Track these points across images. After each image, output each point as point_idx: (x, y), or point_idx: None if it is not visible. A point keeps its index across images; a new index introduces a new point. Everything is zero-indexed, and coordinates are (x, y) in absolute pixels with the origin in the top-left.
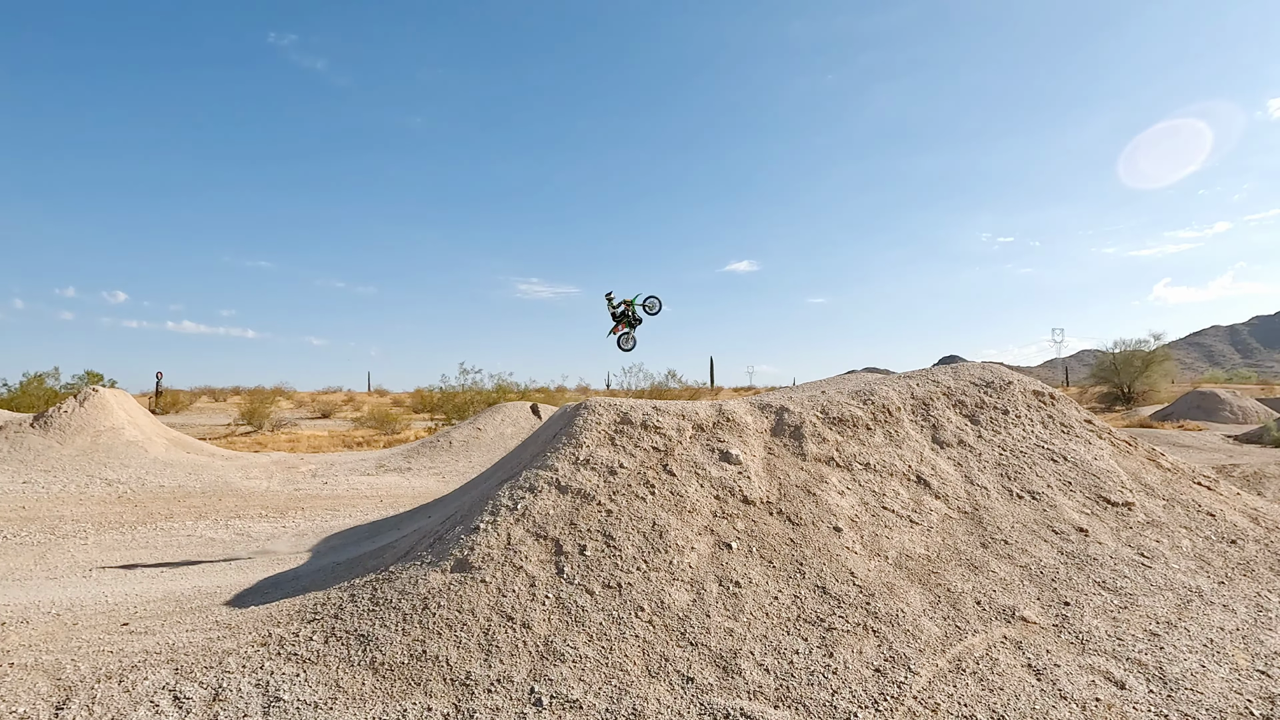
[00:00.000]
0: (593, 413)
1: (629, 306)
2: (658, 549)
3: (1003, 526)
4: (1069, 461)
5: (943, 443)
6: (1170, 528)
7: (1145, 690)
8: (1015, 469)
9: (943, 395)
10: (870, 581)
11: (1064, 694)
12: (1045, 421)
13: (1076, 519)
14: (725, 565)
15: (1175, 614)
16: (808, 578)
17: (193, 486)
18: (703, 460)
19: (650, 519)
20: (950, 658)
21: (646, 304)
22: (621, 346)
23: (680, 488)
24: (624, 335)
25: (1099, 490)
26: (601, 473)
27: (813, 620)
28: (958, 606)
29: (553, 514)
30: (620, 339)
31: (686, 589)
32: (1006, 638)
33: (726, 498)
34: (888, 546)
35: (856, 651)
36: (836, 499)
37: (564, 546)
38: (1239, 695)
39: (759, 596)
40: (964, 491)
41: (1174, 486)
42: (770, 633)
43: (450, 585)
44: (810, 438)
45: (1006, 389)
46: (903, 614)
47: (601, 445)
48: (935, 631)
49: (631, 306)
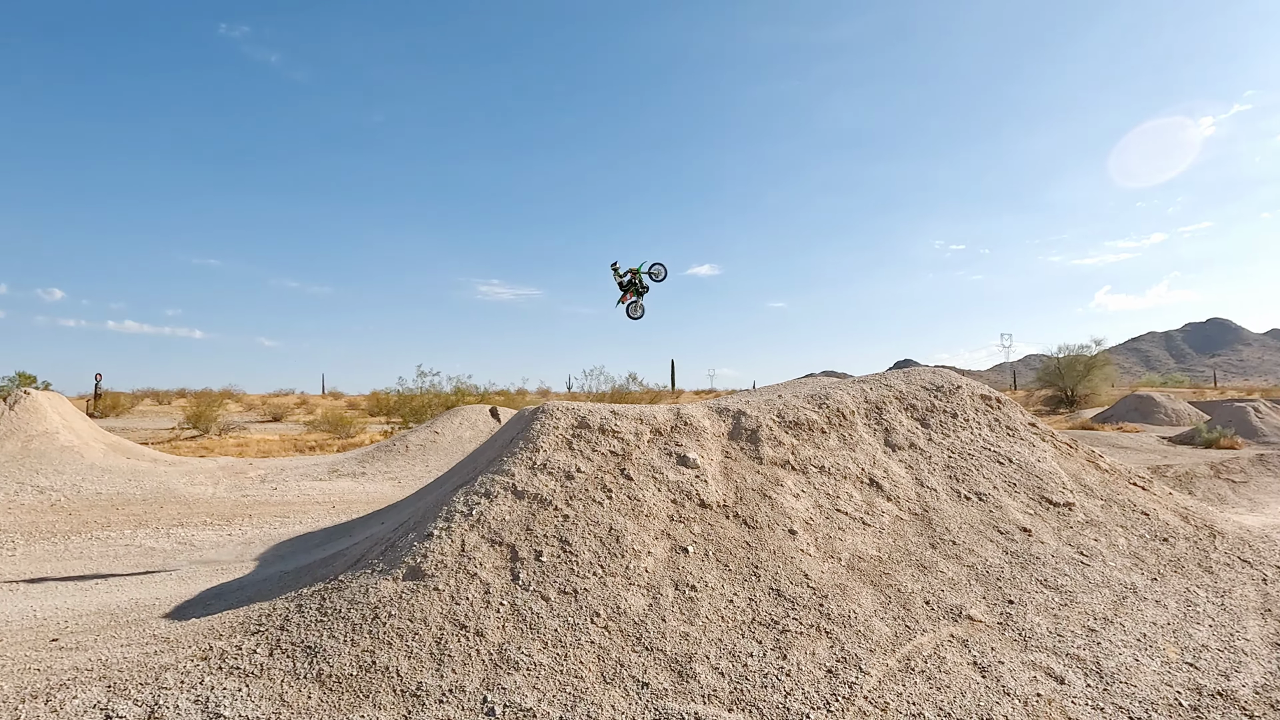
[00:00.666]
0: (550, 417)
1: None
2: (614, 554)
3: (951, 527)
4: (1014, 464)
5: (895, 446)
6: (1108, 527)
7: (1083, 684)
8: (963, 471)
9: (895, 399)
10: (824, 583)
11: (1007, 690)
12: (992, 425)
13: (1021, 519)
14: (682, 569)
15: (1112, 610)
16: (763, 580)
17: (132, 493)
18: (660, 464)
19: (607, 524)
20: (900, 657)
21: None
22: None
23: (638, 492)
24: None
25: (1042, 491)
26: (559, 477)
27: (767, 622)
28: (908, 606)
29: (509, 520)
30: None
31: (643, 593)
32: (954, 636)
33: (684, 501)
34: (841, 548)
35: (809, 653)
36: (792, 502)
37: (520, 553)
38: (1169, 687)
39: (715, 600)
40: (914, 493)
41: (1111, 487)
42: (725, 636)
43: (402, 594)
44: (767, 441)
45: (956, 393)
46: (855, 615)
47: (559, 450)
48: (886, 631)
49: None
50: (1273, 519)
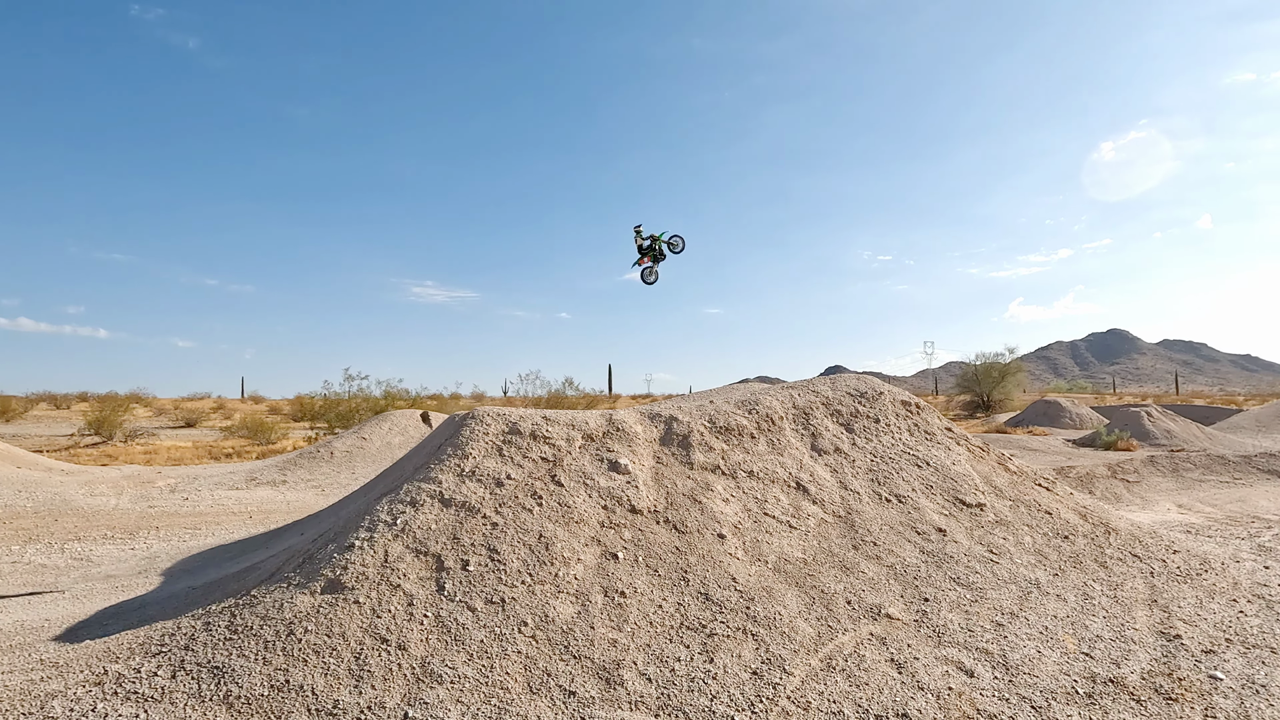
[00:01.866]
0: (480, 423)
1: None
2: (544, 562)
3: (872, 529)
4: (931, 466)
5: (821, 450)
6: (1015, 526)
7: (991, 677)
8: (884, 474)
9: (821, 405)
10: (751, 586)
11: (921, 685)
12: (911, 429)
13: (937, 520)
14: (611, 575)
15: (1017, 605)
16: (691, 585)
17: (22, 506)
18: (592, 470)
19: (537, 531)
20: (822, 657)
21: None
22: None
23: (569, 498)
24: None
25: (956, 493)
26: (488, 485)
27: (695, 627)
28: (830, 607)
29: (435, 529)
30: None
31: (572, 601)
32: (873, 634)
33: (615, 507)
34: (768, 551)
35: (735, 655)
36: (721, 506)
37: (446, 562)
38: (1067, 676)
39: (644, 606)
40: (839, 496)
41: (1019, 488)
42: (653, 641)
43: (320, 608)
44: (698, 447)
45: (879, 399)
46: (780, 616)
47: (489, 456)
48: (809, 632)
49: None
50: (1161, 515)
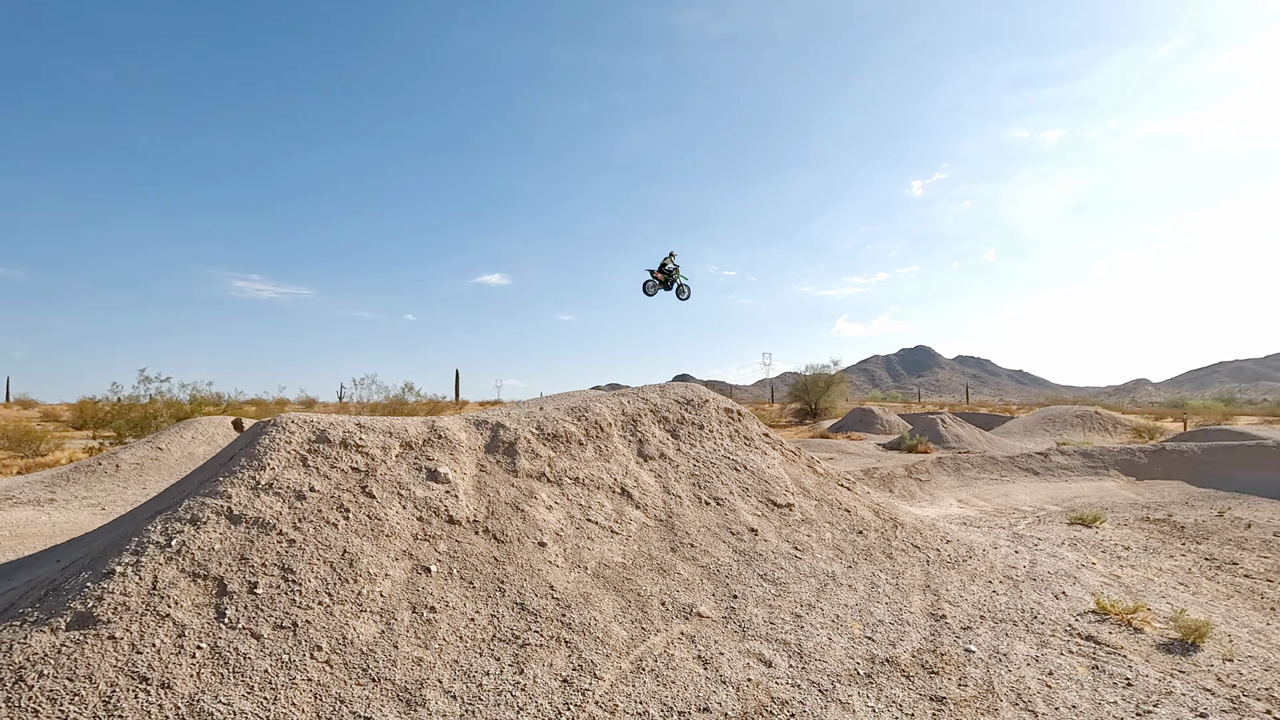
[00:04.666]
0: (282, 430)
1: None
2: (346, 579)
3: (690, 531)
4: (748, 470)
5: (647, 456)
6: (818, 523)
7: (787, 665)
8: (705, 478)
9: (650, 412)
10: (568, 593)
11: (724, 678)
12: (732, 435)
13: (750, 520)
14: (421, 590)
15: (815, 596)
16: (507, 595)
17: None
18: (408, 480)
19: (341, 547)
20: (633, 659)
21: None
22: (646, 289)
23: (380, 510)
24: (653, 284)
25: (769, 494)
26: (287, 498)
27: (508, 638)
28: (645, 609)
29: (219, 549)
30: (648, 283)
31: (375, 620)
32: (684, 634)
33: (431, 519)
34: (588, 557)
35: (547, 665)
36: (544, 514)
37: (229, 586)
38: (851, 659)
39: (455, 620)
40: (661, 501)
41: (824, 489)
42: (463, 656)
43: (63, 647)
44: (524, 454)
45: (703, 406)
46: (595, 621)
47: (290, 467)
48: (623, 635)
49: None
50: (945, 509)
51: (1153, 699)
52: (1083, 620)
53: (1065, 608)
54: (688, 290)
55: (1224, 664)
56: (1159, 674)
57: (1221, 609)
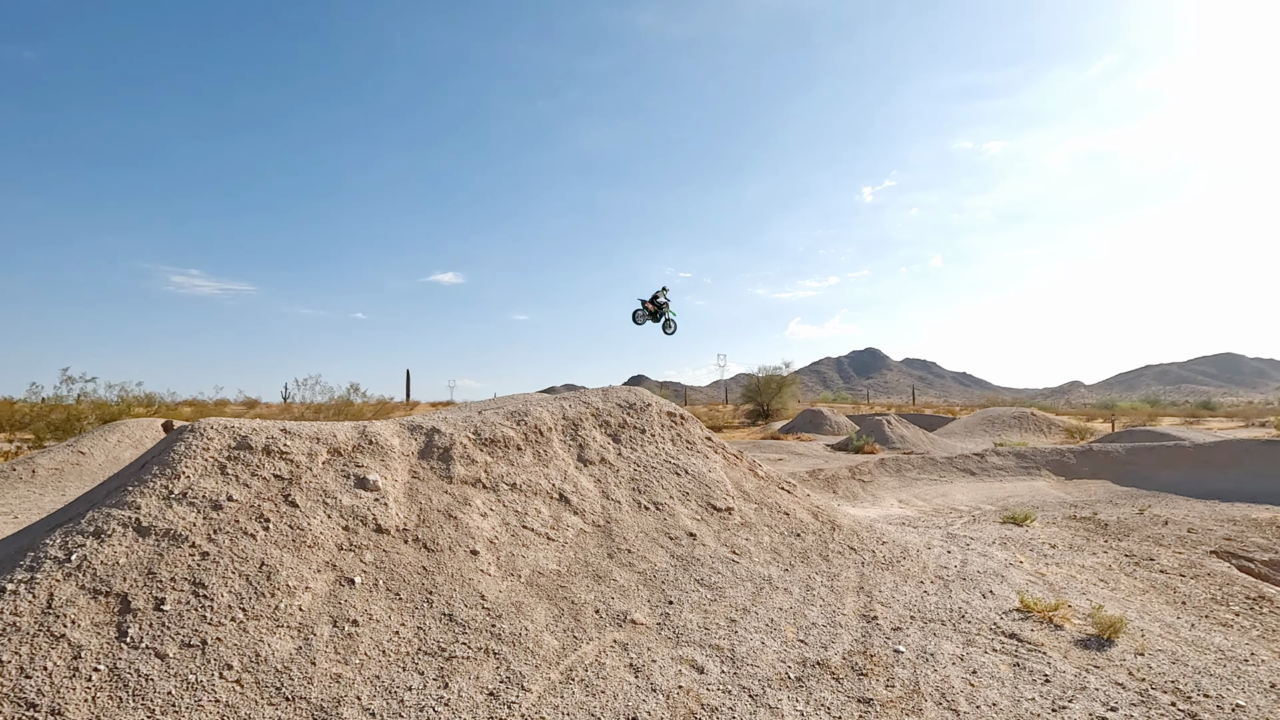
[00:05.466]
0: (199, 436)
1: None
2: (263, 593)
3: (628, 536)
4: (690, 474)
5: (587, 461)
6: (757, 527)
7: (719, 671)
8: (645, 483)
9: (591, 416)
10: (500, 602)
11: (655, 686)
12: (674, 439)
13: (689, 525)
14: (344, 603)
15: (751, 600)
16: (435, 606)
17: None
18: (335, 488)
19: (259, 559)
20: (563, 669)
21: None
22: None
23: (303, 520)
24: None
25: (709, 498)
26: (202, 508)
27: (434, 651)
28: (578, 617)
29: (124, 563)
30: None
31: (292, 635)
32: (616, 641)
33: (357, 528)
34: (523, 565)
35: (473, 677)
36: (479, 521)
37: (134, 603)
38: (783, 663)
39: (378, 633)
40: (600, 506)
41: (764, 492)
42: (385, 671)
43: None
44: (459, 460)
45: (646, 410)
46: (526, 631)
47: (207, 475)
48: (554, 645)
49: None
50: (886, 510)
51: (1068, 694)
52: (1007, 618)
53: (992, 606)
54: (674, 325)
55: (1135, 658)
56: (1075, 669)
57: (1137, 604)
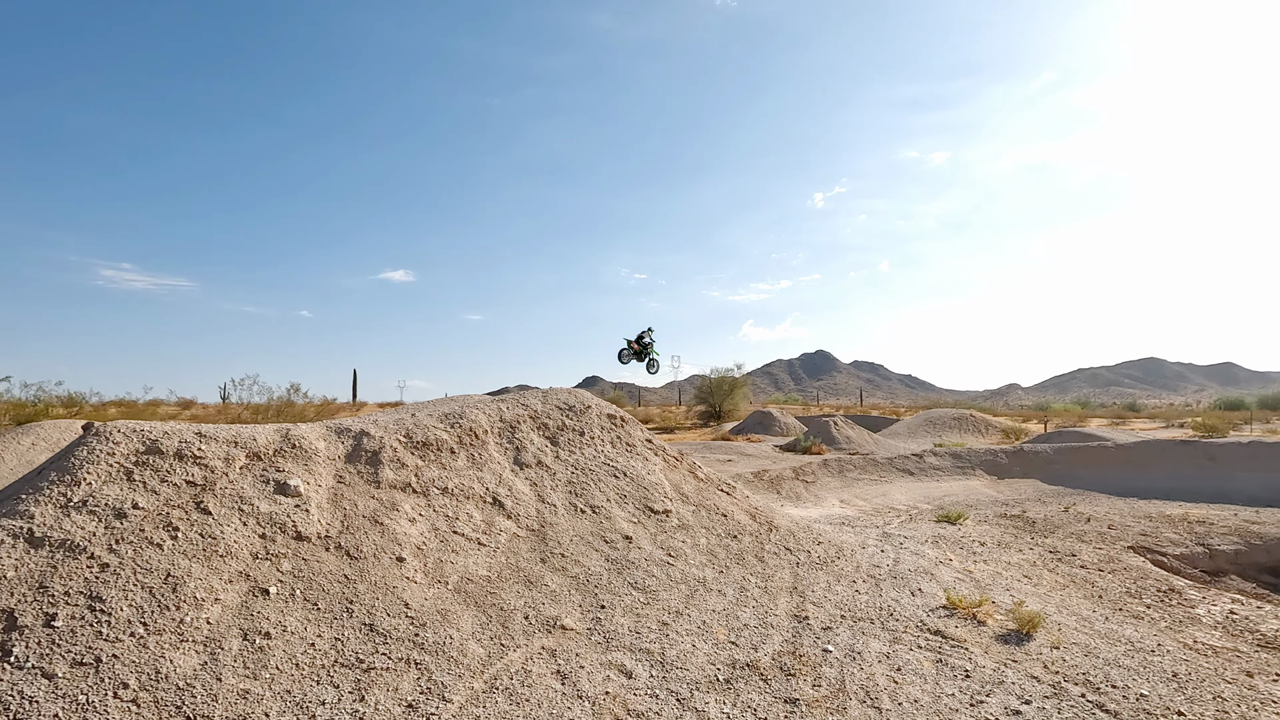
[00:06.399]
0: (104, 441)
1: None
2: (167, 606)
3: (563, 540)
4: (628, 477)
5: (523, 464)
6: (694, 529)
7: (648, 675)
8: (583, 486)
9: (530, 418)
10: (424, 611)
11: (581, 693)
12: (614, 442)
13: (626, 528)
14: (256, 615)
15: (684, 603)
16: (356, 616)
17: None
18: (252, 494)
19: (164, 570)
20: (488, 677)
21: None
22: (621, 357)
23: (216, 528)
24: (627, 351)
25: (647, 501)
26: (104, 517)
27: (351, 663)
28: (507, 624)
29: (12, 577)
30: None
31: (197, 650)
32: (544, 648)
33: (275, 535)
34: (451, 572)
35: (392, 689)
36: (406, 527)
37: (21, 620)
38: (713, 665)
39: (292, 645)
40: (535, 510)
41: (703, 494)
42: (297, 685)
43: None
44: (389, 463)
45: (586, 413)
46: (451, 640)
47: (111, 481)
48: (480, 653)
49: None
50: (828, 510)
51: (986, 689)
52: (934, 616)
53: (919, 604)
54: (658, 365)
55: (1051, 651)
56: (994, 664)
57: (1057, 599)
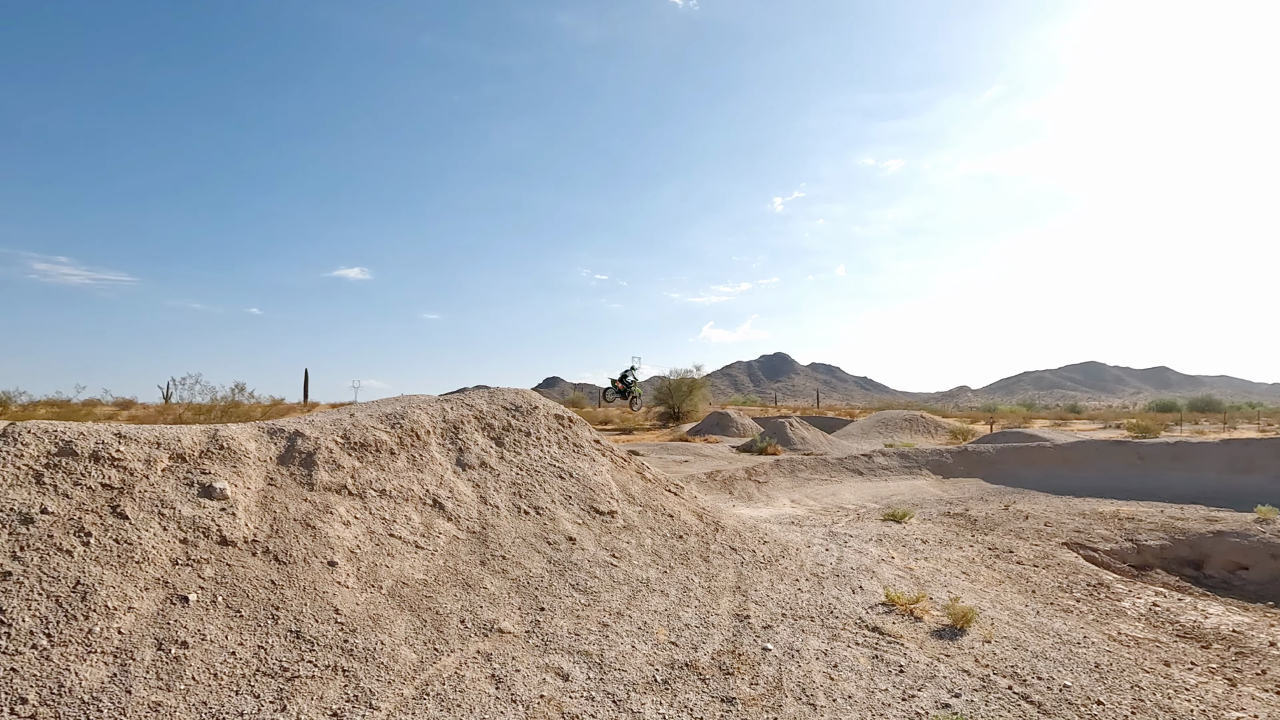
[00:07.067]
0: (11, 443)
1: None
2: (75, 616)
3: (504, 542)
4: (574, 478)
5: (466, 465)
6: (640, 529)
7: (584, 677)
8: (528, 487)
9: (474, 418)
10: (356, 616)
11: (515, 697)
12: (561, 442)
13: (569, 529)
14: (173, 624)
15: (626, 604)
16: (281, 622)
17: None
18: (175, 497)
19: (73, 578)
20: (418, 684)
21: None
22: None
23: (133, 534)
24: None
25: (592, 502)
26: (8, 523)
27: (274, 671)
28: (442, 628)
29: None
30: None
31: (106, 662)
32: (480, 652)
33: (198, 540)
34: (385, 575)
35: (316, 698)
36: (340, 530)
37: None
38: (651, 666)
39: (211, 655)
40: (476, 512)
41: (650, 494)
42: (214, 696)
43: None
44: (324, 465)
45: (533, 413)
46: (382, 646)
47: (18, 485)
48: (412, 658)
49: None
50: (779, 510)
51: (919, 683)
52: (873, 613)
53: (859, 601)
54: (640, 402)
55: (983, 645)
56: (928, 659)
57: (992, 594)
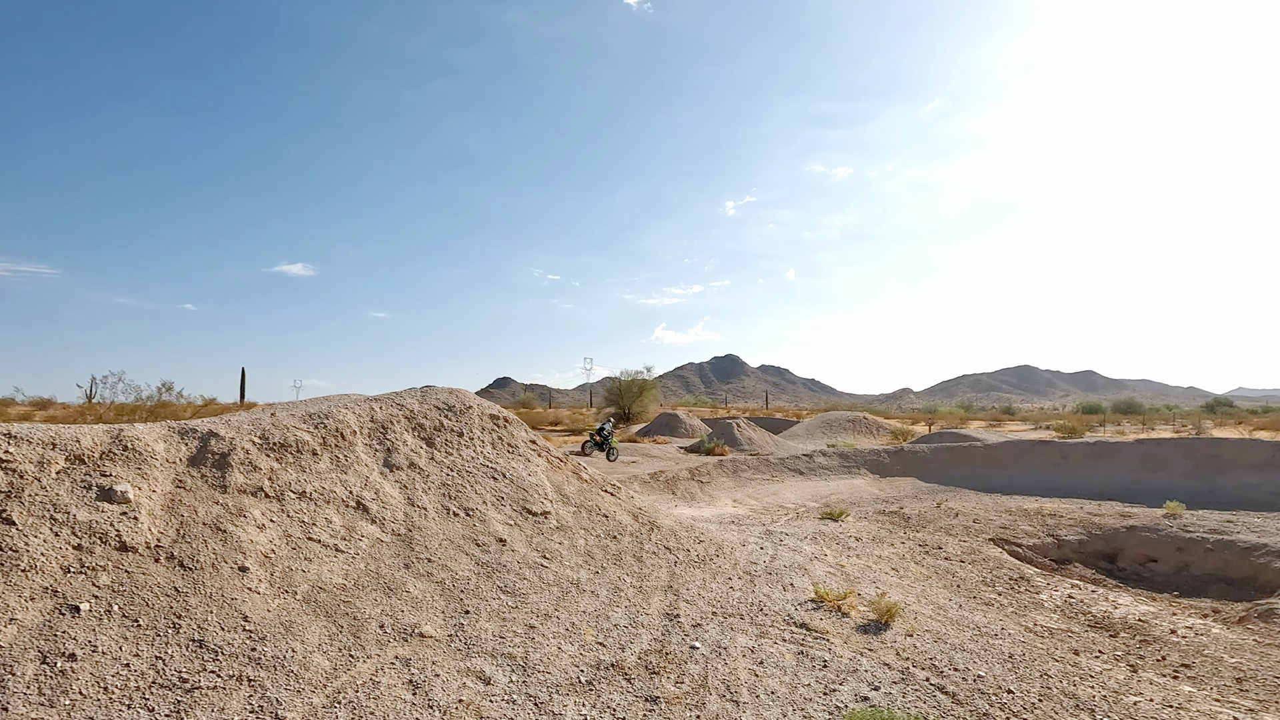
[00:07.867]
0: None
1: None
2: None
3: (431, 545)
4: (507, 479)
5: (394, 466)
6: (573, 530)
7: (506, 680)
8: (458, 488)
9: (404, 419)
10: (265, 623)
11: (432, 703)
12: (495, 443)
13: (500, 530)
14: (61, 635)
15: (554, 605)
16: (183, 631)
17: None
18: (70, 501)
19: None
20: (330, 692)
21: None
22: (584, 449)
23: (19, 540)
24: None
25: (525, 503)
26: None
27: (172, 683)
28: (359, 634)
29: None
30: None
31: None
32: (398, 658)
33: (94, 546)
34: (301, 581)
35: (217, 710)
36: (254, 534)
37: None
38: (576, 667)
39: (102, 667)
40: (403, 514)
41: (586, 495)
42: (103, 711)
43: None
44: (239, 466)
45: (466, 413)
46: (293, 653)
47: None
48: (325, 666)
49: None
50: (721, 509)
51: (841, 677)
52: (801, 609)
53: (789, 599)
54: (616, 453)
55: (905, 639)
56: (851, 653)
57: (919, 589)
